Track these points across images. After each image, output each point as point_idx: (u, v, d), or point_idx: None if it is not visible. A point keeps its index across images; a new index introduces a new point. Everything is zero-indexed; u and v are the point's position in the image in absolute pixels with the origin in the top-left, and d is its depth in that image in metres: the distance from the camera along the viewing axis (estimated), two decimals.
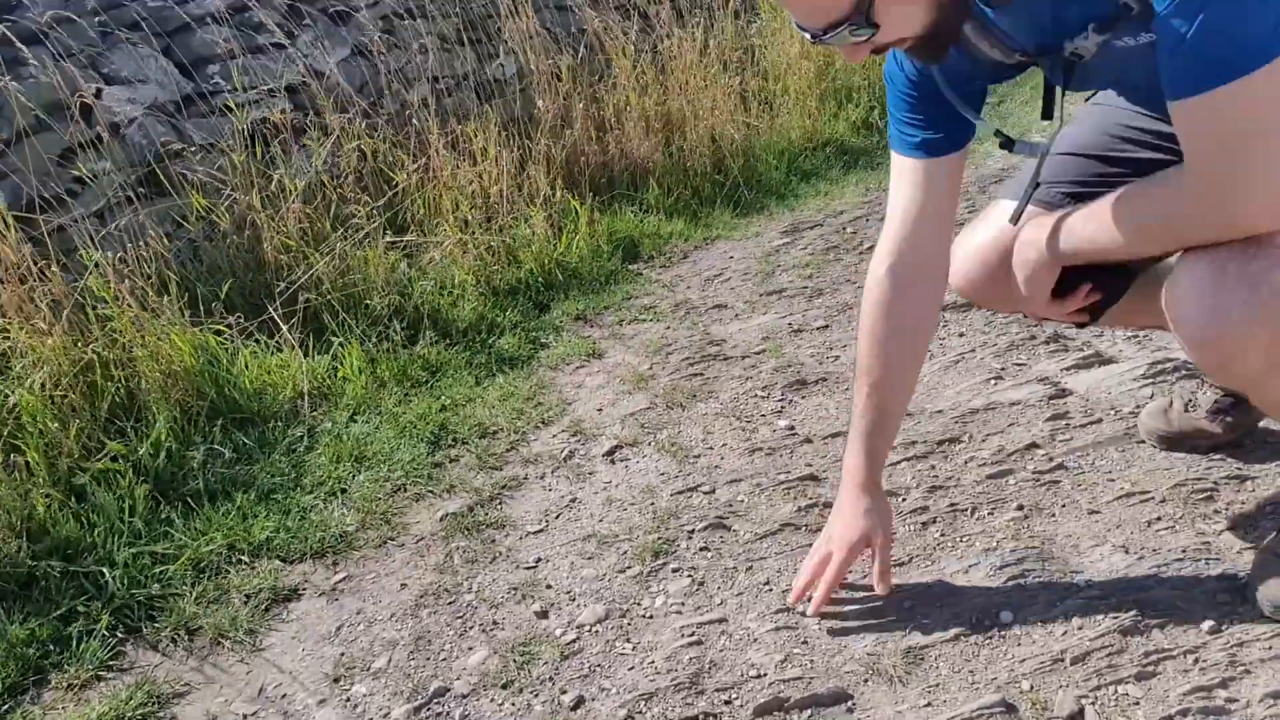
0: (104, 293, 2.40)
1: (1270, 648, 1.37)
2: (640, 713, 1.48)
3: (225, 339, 2.58)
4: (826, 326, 2.71)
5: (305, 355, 2.64)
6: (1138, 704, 1.34)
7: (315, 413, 2.49)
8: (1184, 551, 1.59)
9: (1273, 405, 1.38)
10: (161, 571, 1.92)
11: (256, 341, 2.65)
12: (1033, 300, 1.46)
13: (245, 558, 1.98)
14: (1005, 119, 4.65)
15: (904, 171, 1.51)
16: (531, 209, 3.39)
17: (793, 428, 2.21)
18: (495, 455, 2.28)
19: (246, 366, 2.54)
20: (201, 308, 2.60)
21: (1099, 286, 1.45)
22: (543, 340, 2.89)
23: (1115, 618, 1.48)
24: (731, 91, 4.49)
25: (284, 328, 2.64)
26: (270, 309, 2.66)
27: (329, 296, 2.80)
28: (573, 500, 2.08)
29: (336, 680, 1.65)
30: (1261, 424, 1.85)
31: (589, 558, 1.87)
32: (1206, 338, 1.23)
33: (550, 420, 2.43)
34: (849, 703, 1.44)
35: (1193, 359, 1.37)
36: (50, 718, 1.63)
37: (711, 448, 2.19)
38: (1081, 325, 1.57)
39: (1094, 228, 1.32)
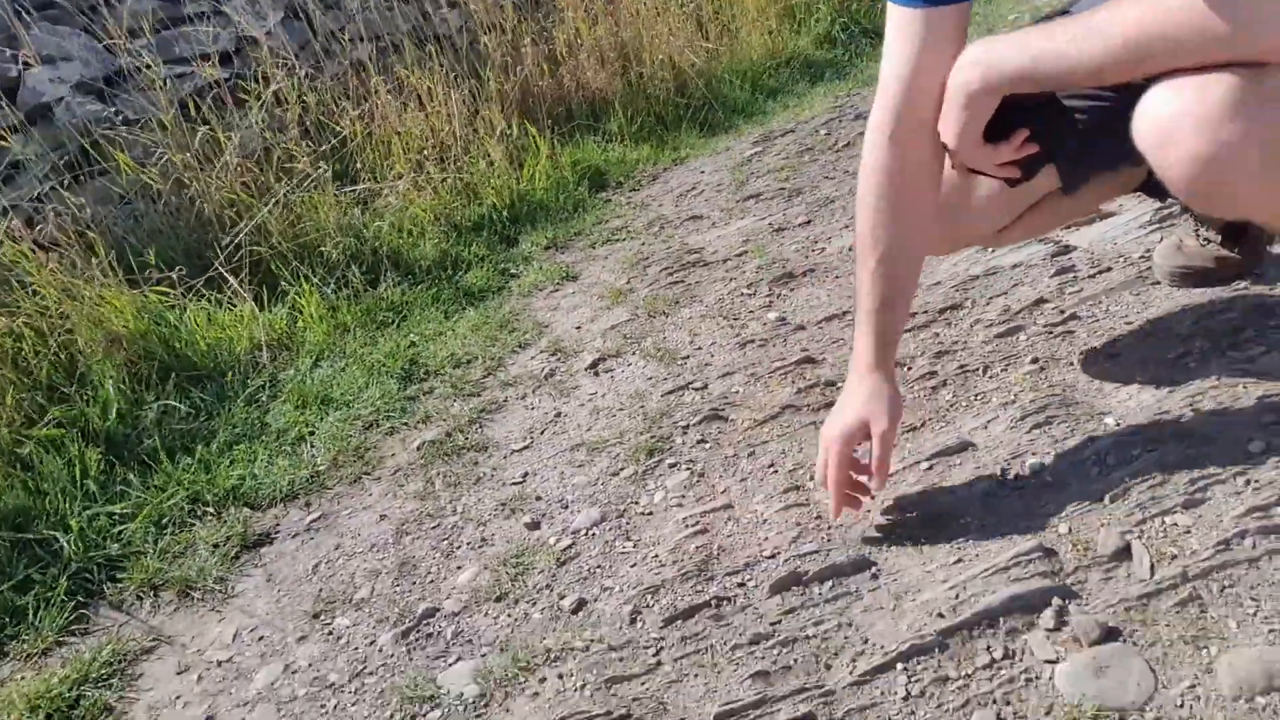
0: (17, 260, 2.24)
1: None
2: (647, 606, 1.35)
3: (170, 298, 2.42)
4: (809, 222, 2.57)
5: (260, 308, 2.49)
6: (1188, 532, 1.21)
7: (275, 363, 2.34)
8: (1218, 380, 1.46)
9: (1274, 217, 1.23)
10: (120, 531, 1.78)
11: (206, 299, 2.50)
12: (960, 138, 1.28)
13: (210, 509, 1.83)
14: None
15: (902, 25, 1.32)
16: (489, 142, 3.23)
17: (784, 318, 2.08)
18: (471, 383, 2.14)
19: (197, 323, 2.39)
20: (137, 269, 2.44)
21: (1037, 136, 1.25)
22: (512, 271, 2.74)
23: (1153, 450, 1.35)
24: (687, 18, 4.33)
25: (233, 281, 2.49)
26: (216, 264, 2.50)
27: (280, 247, 2.64)
28: (557, 415, 1.94)
29: (316, 616, 1.52)
30: (1277, 248, 1.72)
31: (579, 466, 1.74)
32: (1195, 159, 1.06)
33: (527, 344, 2.29)
34: (873, 569, 1.31)
35: (1178, 190, 1.18)
36: (8, 690, 1.48)
37: (700, 348, 2.05)
38: (1011, 183, 1.34)
39: (1065, 39, 1.15)
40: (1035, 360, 1.65)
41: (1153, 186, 1.51)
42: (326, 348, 2.38)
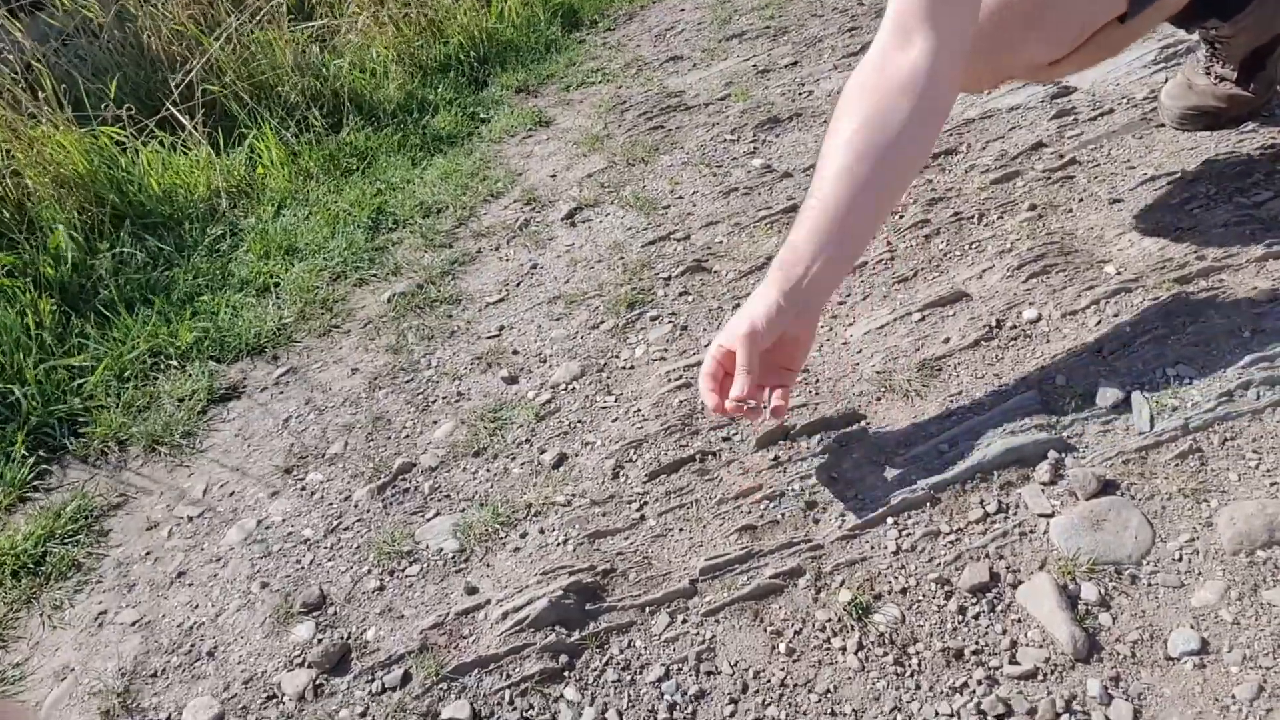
0: None
1: None
2: (630, 461, 1.31)
3: (122, 140, 2.28)
4: (796, 63, 2.44)
5: (217, 152, 2.35)
6: (1190, 383, 1.18)
7: (235, 210, 2.22)
8: (1225, 226, 1.41)
9: None
10: (80, 385, 1.71)
11: (159, 142, 2.36)
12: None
13: (174, 362, 1.76)
14: None
15: None
16: None
17: (769, 165, 1.98)
18: (442, 233, 2.04)
19: (151, 167, 2.25)
20: (89, 106, 2.28)
21: None
22: (482, 115, 2.60)
23: (1155, 300, 1.31)
24: None
25: (188, 123, 2.34)
26: (167, 104, 2.34)
27: (234, 87, 2.48)
28: (533, 267, 1.86)
29: (289, 471, 1.47)
30: None
31: (557, 319, 1.67)
32: None
33: (500, 193, 2.18)
34: (862, 422, 1.27)
35: None
36: None
37: (681, 197, 1.96)
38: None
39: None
40: (1033, 207, 1.58)
41: (1186, 15, 1.40)
42: (289, 195, 2.26)
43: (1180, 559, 0.99)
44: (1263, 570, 0.95)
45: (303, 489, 1.43)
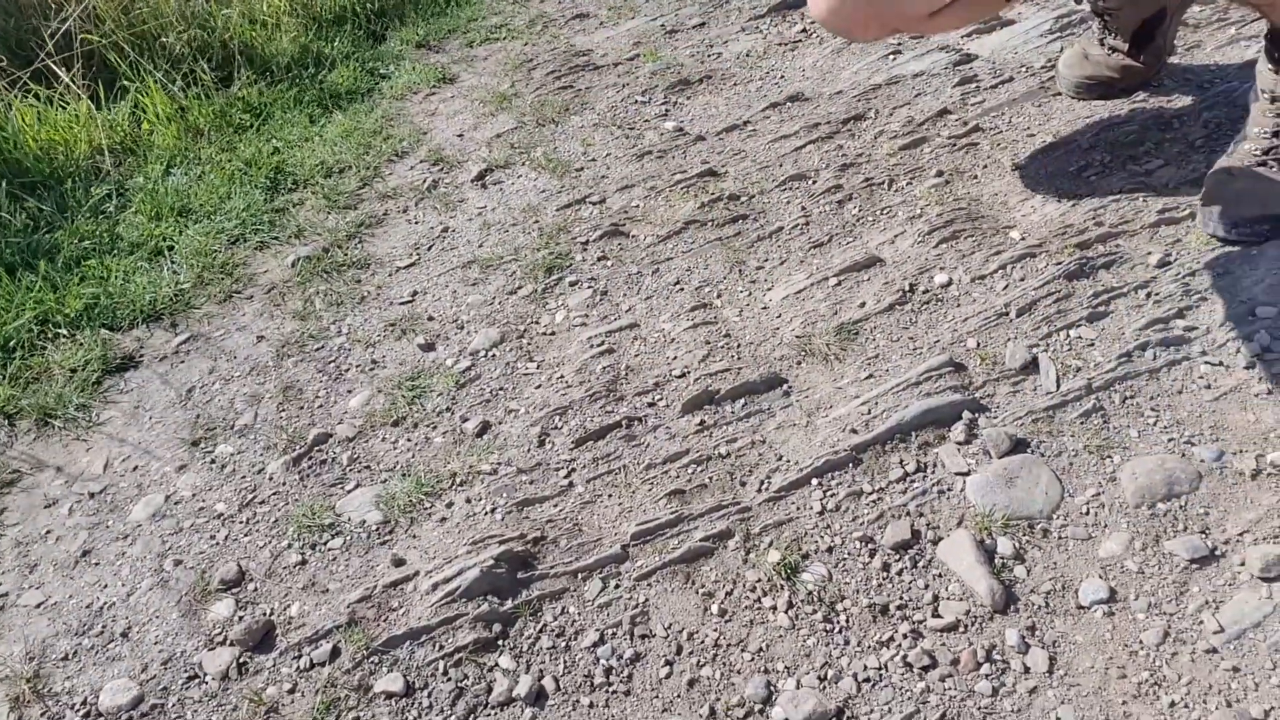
0: None
1: (1224, 271, 1.28)
2: (556, 428, 1.31)
3: None
4: (703, 24, 2.43)
5: (98, 107, 2.22)
6: (1092, 345, 1.24)
7: (121, 169, 2.11)
8: (1119, 193, 1.47)
9: None
10: None
11: (34, 95, 2.21)
12: None
13: (63, 331, 1.67)
14: None
15: None
16: None
17: (681, 129, 1.98)
18: (346, 194, 1.98)
19: (26, 122, 2.11)
20: None
21: None
22: (382, 71, 2.51)
23: (1058, 264, 1.36)
24: None
25: (64, 75, 2.20)
26: (42, 54, 2.19)
27: (114, 36, 2.33)
28: (445, 230, 1.82)
29: (196, 444, 1.42)
30: (1172, 60, 1.72)
31: (473, 284, 1.65)
32: None
33: (405, 152, 2.12)
34: (784, 386, 1.30)
35: None
36: None
37: (594, 159, 1.94)
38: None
39: None
40: (940, 173, 1.63)
41: None
42: (178, 153, 2.15)
43: (1088, 513, 1.05)
44: (1163, 522, 1.02)
45: (212, 462, 1.38)
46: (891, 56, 2.03)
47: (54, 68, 2.21)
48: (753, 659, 1.00)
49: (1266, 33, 1.36)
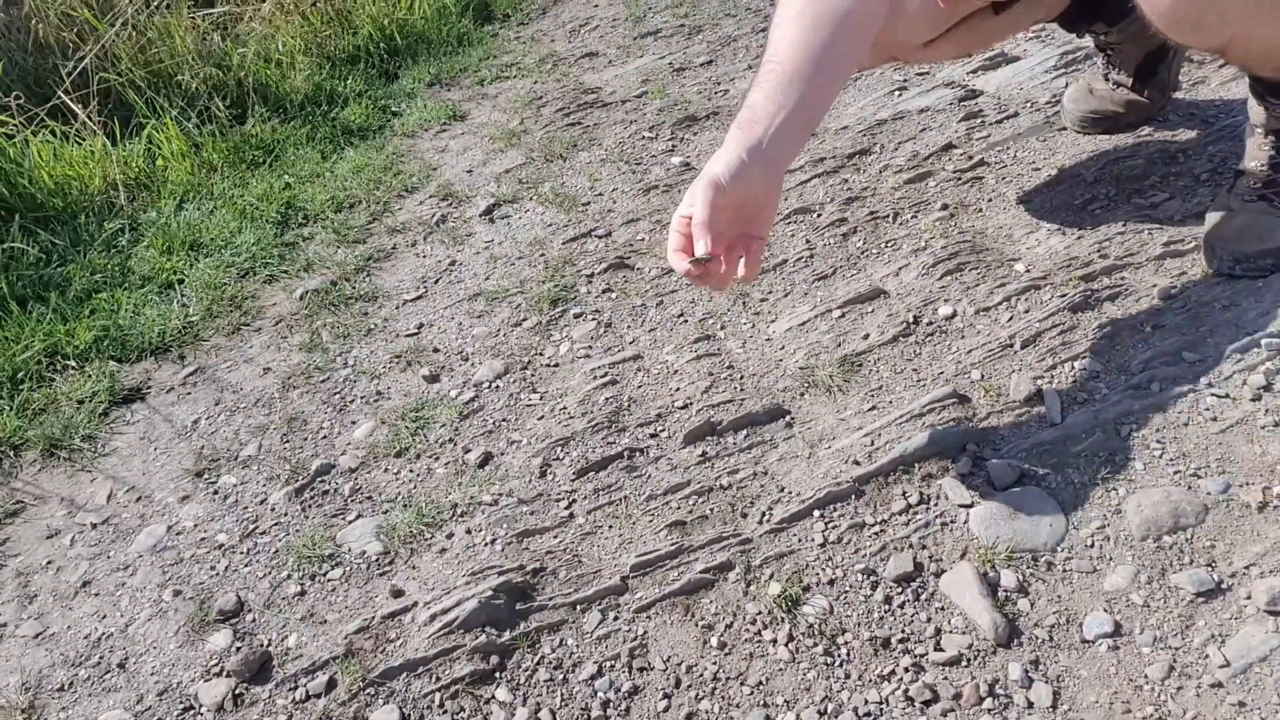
0: None
1: (1229, 304, 1.27)
2: (557, 459, 1.31)
3: (8, 128, 2.16)
4: (711, 62, 2.45)
5: (113, 143, 2.25)
6: (1097, 377, 1.23)
7: (134, 204, 2.13)
8: (1124, 225, 1.47)
9: (1256, 56, 1.22)
10: None
11: (51, 131, 2.25)
12: None
13: (72, 363, 1.68)
14: None
15: None
16: None
17: (688, 163, 1.99)
18: (355, 228, 2.00)
19: (42, 158, 2.14)
20: None
21: None
22: (394, 108, 2.55)
23: (1063, 297, 1.36)
24: None
25: (81, 112, 2.23)
26: (59, 92, 2.23)
27: (131, 75, 2.38)
28: (452, 263, 1.83)
29: (199, 474, 1.42)
30: (1177, 94, 1.73)
31: (478, 316, 1.65)
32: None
33: (415, 187, 2.14)
34: (787, 418, 1.29)
35: (1163, 12, 1.13)
36: None
37: (601, 194, 1.96)
38: None
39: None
40: (945, 206, 1.63)
41: (1070, 18, 1.47)
42: (191, 188, 2.18)
43: (1092, 545, 1.03)
44: (1169, 554, 1.00)
45: (215, 493, 1.38)
46: (897, 93, 2.05)
47: (71, 105, 2.25)
48: (752, 692, 0.98)
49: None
